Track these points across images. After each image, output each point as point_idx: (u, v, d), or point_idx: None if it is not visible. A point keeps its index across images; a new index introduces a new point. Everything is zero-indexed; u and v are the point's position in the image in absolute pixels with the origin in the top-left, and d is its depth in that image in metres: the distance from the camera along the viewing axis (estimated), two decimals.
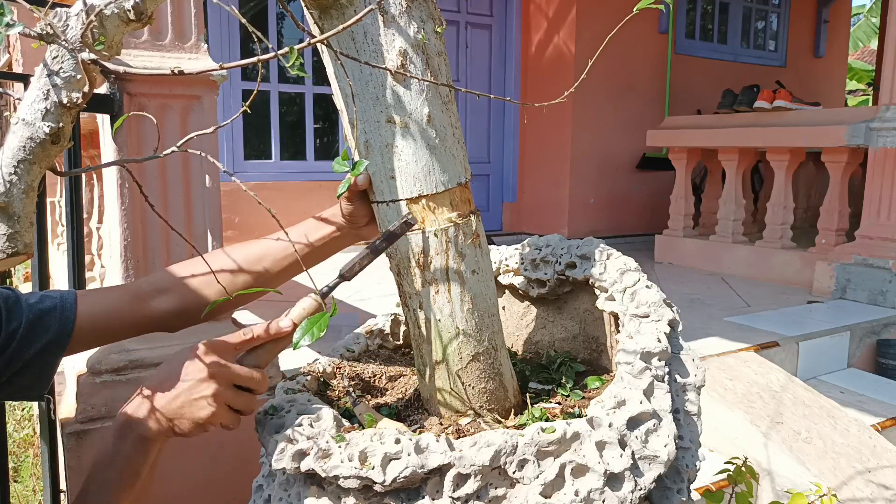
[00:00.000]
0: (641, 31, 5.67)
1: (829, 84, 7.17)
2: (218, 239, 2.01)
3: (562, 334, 1.37)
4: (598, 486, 0.83)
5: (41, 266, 1.74)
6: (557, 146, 5.69)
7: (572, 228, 5.64)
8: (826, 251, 3.99)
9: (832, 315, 3.42)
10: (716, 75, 6.17)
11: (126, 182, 1.85)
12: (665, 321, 1.08)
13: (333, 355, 1.32)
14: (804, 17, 6.87)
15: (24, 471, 2.86)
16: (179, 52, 1.92)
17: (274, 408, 1.00)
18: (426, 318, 1.06)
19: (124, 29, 0.84)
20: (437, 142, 0.99)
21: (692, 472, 0.98)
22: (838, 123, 3.89)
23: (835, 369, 3.11)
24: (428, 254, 1.03)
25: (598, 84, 5.50)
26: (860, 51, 15.27)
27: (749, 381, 2.50)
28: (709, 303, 3.66)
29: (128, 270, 1.89)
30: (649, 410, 0.92)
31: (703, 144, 4.67)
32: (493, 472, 0.84)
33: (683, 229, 4.87)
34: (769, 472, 2.09)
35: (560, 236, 1.36)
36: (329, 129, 5.43)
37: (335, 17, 0.95)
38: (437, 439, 0.84)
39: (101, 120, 1.97)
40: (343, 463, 0.84)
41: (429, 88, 0.97)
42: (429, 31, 0.97)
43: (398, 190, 1.01)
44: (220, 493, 2.02)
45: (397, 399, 1.18)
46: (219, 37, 4.68)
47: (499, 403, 1.09)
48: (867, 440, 2.27)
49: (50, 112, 0.80)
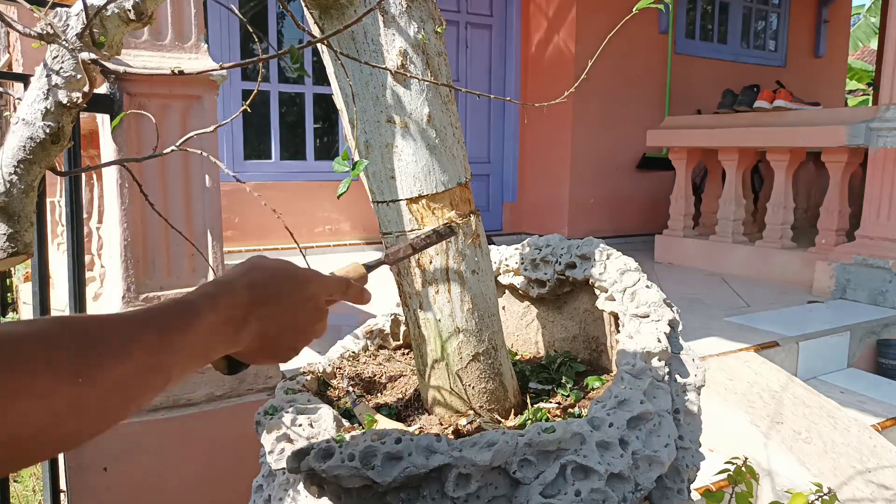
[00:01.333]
0: (641, 31, 5.67)
1: (829, 84, 7.17)
2: (218, 239, 2.01)
3: (562, 334, 1.37)
4: (598, 486, 0.83)
5: (41, 266, 1.74)
6: (557, 146, 5.69)
7: (572, 228, 5.64)
8: (826, 251, 3.99)
9: (832, 315, 3.42)
10: (716, 75, 6.17)
11: (126, 182, 1.85)
12: (665, 321, 1.08)
13: (333, 355, 1.33)
14: (804, 17, 6.87)
15: (24, 471, 2.86)
16: (179, 52, 1.92)
17: (274, 408, 1.00)
18: (426, 318, 1.06)
19: (125, 29, 0.84)
20: (437, 142, 0.99)
21: (692, 472, 0.98)
22: (838, 123, 3.89)
23: (835, 369, 3.11)
24: (428, 254, 1.03)
25: (599, 84, 5.49)
26: (860, 51, 15.27)
27: (749, 381, 2.50)
28: (709, 303, 3.66)
29: (128, 270, 1.89)
30: (650, 410, 0.92)
31: (703, 144, 4.67)
32: (494, 472, 0.84)
33: (683, 229, 4.87)
34: (769, 472, 2.09)
35: (560, 236, 1.36)
36: (329, 129, 5.43)
37: (335, 17, 0.95)
38: (437, 439, 0.84)
39: (101, 120, 1.97)
40: (343, 463, 0.84)
41: (429, 88, 0.97)
42: (429, 31, 0.97)
43: (398, 190, 1.01)
44: (220, 493, 2.02)
45: (397, 399, 1.18)
46: (219, 37, 4.68)
47: (499, 403, 1.09)
48: (867, 440, 2.27)
49: (50, 112, 0.80)
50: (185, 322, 0.60)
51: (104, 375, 0.51)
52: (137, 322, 0.57)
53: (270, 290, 0.70)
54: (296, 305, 0.72)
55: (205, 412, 1.97)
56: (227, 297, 0.66)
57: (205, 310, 0.63)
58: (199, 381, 1.98)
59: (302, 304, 0.73)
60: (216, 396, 2.00)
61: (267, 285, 0.70)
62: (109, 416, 0.52)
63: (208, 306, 0.63)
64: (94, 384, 0.50)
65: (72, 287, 1.99)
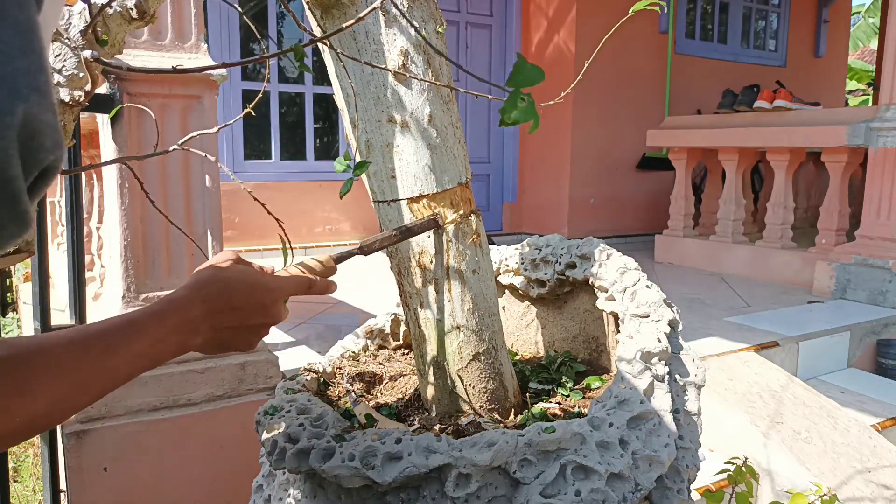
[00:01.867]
0: (641, 32, 5.67)
1: (829, 84, 7.17)
2: (218, 239, 2.01)
3: (562, 334, 1.37)
4: (598, 486, 0.83)
5: (41, 266, 1.74)
6: (557, 146, 5.69)
7: (572, 228, 5.64)
8: (826, 251, 3.99)
9: (832, 315, 3.42)
10: (716, 75, 6.17)
11: (126, 182, 1.85)
12: (665, 321, 1.08)
13: (333, 355, 1.33)
14: (804, 17, 6.87)
15: (24, 471, 2.86)
16: (179, 52, 1.92)
17: (274, 408, 1.00)
18: (426, 318, 1.06)
19: (127, 27, 0.84)
20: (438, 141, 0.99)
21: (692, 472, 0.98)
22: (838, 123, 3.89)
23: (835, 369, 3.11)
24: (428, 253, 1.03)
25: (598, 84, 5.50)
26: (860, 51, 15.27)
27: (749, 381, 2.50)
28: (709, 303, 3.66)
29: (128, 270, 1.89)
30: (650, 410, 0.92)
31: (703, 144, 4.67)
32: (494, 472, 0.84)
33: (683, 229, 4.88)
34: (769, 472, 2.09)
35: (560, 236, 1.36)
36: (329, 129, 5.43)
37: (337, 16, 0.95)
38: (437, 439, 0.84)
39: (101, 120, 1.97)
40: (343, 463, 0.84)
41: (430, 88, 0.97)
42: (430, 31, 0.97)
43: (399, 189, 1.01)
44: (220, 493, 2.02)
45: (397, 399, 1.18)
46: (219, 37, 4.68)
47: (499, 403, 1.09)
48: (867, 440, 2.27)
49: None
50: (127, 341, 0.65)
51: (38, 392, 0.57)
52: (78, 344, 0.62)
53: (224, 302, 0.75)
54: (250, 311, 0.76)
55: (205, 412, 1.97)
56: (176, 313, 0.71)
57: (151, 326, 0.68)
58: (199, 381, 1.98)
59: (256, 309, 0.77)
60: (216, 396, 2.00)
61: (220, 297, 0.74)
62: (37, 426, 0.59)
63: (155, 323, 0.68)
64: (34, 399, 0.57)
65: (72, 287, 1.99)
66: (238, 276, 0.77)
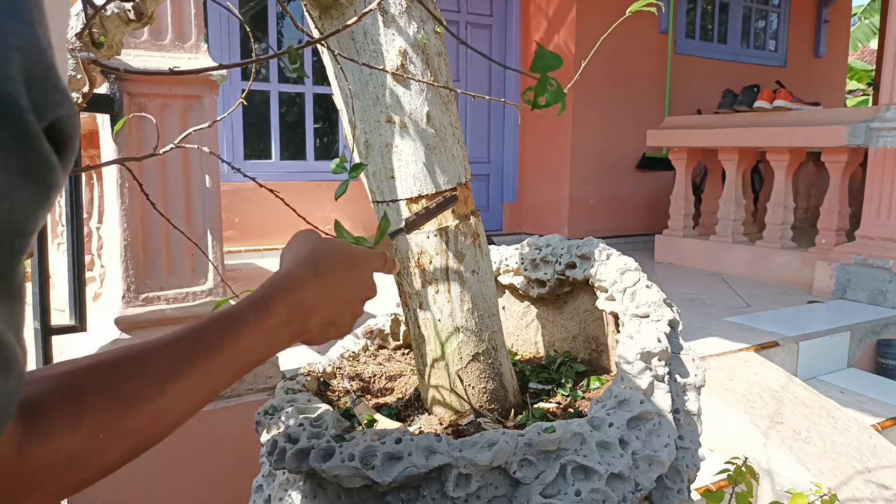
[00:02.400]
0: (641, 32, 5.67)
1: (829, 84, 7.17)
2: (218, 239, 2.01)
3: (562, 334, 1.37)
4: (598, 486, 0.83)
5: (41, 266, 1.74)
6: (557, 146, 5.69)
7: (572, 228, 5.64)
8: (826, 251, 3.99)
9: (832, 315, 3.42)
10: (716, 75, 6.17)
11: (126, 182, 1.85)
12: (665, 321, 1.08)
13: (333, 355, 1.33)
14: (804, 17, 6.87)
15: None
16: (179, 52, 1.92)
17: (274, 408, 1.00)
18: (426, 318, 1.06)
19: (124, 29, 0.84)
20: (437, 142, 0.99)
21: (692, 472, 0.98)
22: (838, 123, 3.89)
23: (835, 369, 3.11)
24: (428, 254, 1.03)
25: (599, 84, 5.50)
26: (860, 51, 15.27)
27: (749, 381, 2.50)
28: (709, 303, 3.66)
29: (128, 270, 1.89)
30: (650, 410, 0.92)
31: (703, 144, 4.67)
32: (494, 472, 0.84)
33: (683, 229, 4.87)
34: (769, 472, 2.09)
35: (560, 236, 1.36)
36: (329, 129, 5.43)
37: (335, 17, 0.95)
38: (437, 439, 0.84)
39: (101, 120, 1.97)
40: (343, 463, 0.84)
41: (428, 88, 0.97)
42: (429, 31, 0.97)
43: (398, 190, 1.01)
44: (220, 493, 2.02)
45: (397, 399, 1.18)
46: (219, 37, 4.68)
47: (499, 403, 1.09)
48: (867, 440, 2.27)
49: None
50: (231, 337, 0.59)
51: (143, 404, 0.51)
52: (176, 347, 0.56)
53: (336, 277, 0.69)
54: (356, 286, 0.72)
55: (205, 412, 1.96)
56: (287, 295, 0.64)
57: (263, 315, 0.61)
58: None
59: (360, 283, 0.72)
60: (216, 396, 2.00)
61: (329, 270, 0.69)
62: (141, 443, 0.52)
63: (269, 308, 0.62)
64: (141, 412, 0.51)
65: (72, 287, 1.99)
66: (343, 248, 0.72)
